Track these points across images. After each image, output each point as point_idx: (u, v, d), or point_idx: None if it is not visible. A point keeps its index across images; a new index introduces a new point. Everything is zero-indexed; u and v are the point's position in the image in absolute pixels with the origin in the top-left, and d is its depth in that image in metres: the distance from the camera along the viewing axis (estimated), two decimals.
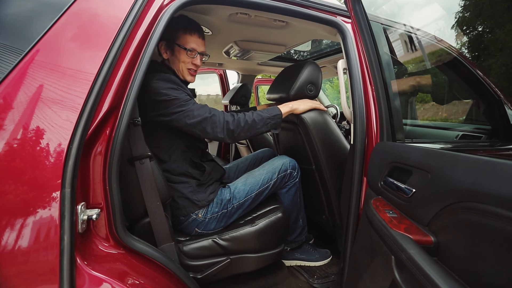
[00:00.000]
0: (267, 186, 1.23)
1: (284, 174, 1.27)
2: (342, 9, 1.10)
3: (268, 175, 1.24)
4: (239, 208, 1.20)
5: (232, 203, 1.18)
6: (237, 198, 1.19)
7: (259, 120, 1.12)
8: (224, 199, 1.17)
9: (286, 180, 1.28)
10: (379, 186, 0.79)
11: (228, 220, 1.19)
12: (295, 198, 1.33)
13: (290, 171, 1.28)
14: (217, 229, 1.17)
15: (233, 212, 1.19)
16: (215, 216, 1.15)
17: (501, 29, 1.21)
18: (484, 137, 1.33)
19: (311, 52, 2.29)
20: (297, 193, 1.33)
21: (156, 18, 0.81)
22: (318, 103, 1.26)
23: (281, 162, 1.28)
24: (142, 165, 0.88)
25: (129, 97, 0.74)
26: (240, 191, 1.21)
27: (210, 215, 1.14)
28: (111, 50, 0.69)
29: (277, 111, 1.16)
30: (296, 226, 1.37)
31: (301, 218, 1.38)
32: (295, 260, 1.42)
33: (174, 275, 0.85)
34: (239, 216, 1.23)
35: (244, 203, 1.20)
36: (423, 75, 1.55)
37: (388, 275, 0.64)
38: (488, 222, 0.43)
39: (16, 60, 0.61)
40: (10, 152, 0.57)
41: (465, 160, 0.51)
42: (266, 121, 1.13)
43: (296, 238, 1.40)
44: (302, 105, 1.23)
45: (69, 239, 0.58)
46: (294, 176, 1.30)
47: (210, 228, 1.16)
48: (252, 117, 1.11)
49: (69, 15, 0.68)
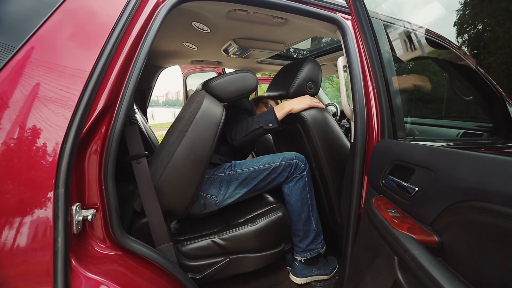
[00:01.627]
0: (267, 167, 1.21)
1: (290, 163, 1.23)
2: (342, 6, 1.09)
3: (271, 158, 1.23)
4: (235, 179, 1.20)
5: (231, 170, 1.21)
6: (236, 167, 1.21)
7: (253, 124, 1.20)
8: (226, 165, 1.22)
9: (291, 170, 1.23)
10: (381, 185, 0.77)
11: (226, 190, 1.20)
12: (304, 193, 1.24)
13: (296, 161, 1.24)
14: (218, 195, 1.18)
15: (229, 181, 1.20)
16: (220, 176, 1.19)
17: (501, 27, 1.20)
18: (486, 134, 1.32)
19: (310, 50, 2.28)
20: (306, 188, 1.25)
21: (152, 15, 0.80)
22: (316, 101, 1.24)
23: (287, 153, 1.27)
24: (139, 164, 0.87)
25: (125, 95, 0.73)
26: (241, 163, 1.23)
27: (218, 173, 1.19)
28: (106, 47, 0.67)
29: (270, 113, 1.22)
30: (309, 230, 1.25)
31: (314, 220, 1.26)
32: (312, 276, 1.27)
33: (172, 276, 0.83)
34: (237, 194, 1.21)
35: (240, 175, 1.20)
36: (423, 73, 1.54)
37: (390, 276, 0.62)
38: (495, 221, 0.41)
39: (7, 57, 0.59)
40: (3, 151, 0.56)
41: (470, 158, 0.50)
42: (261, 126, 1.20)
43: (310, 245, 1.25)
44: (299, 104, 1.22)
45: (63, 241, 0.57)
46: (302, 168, 1.25)
47: (212, 191, 1.18)
48: (252, 126, 1.19)
49: (62, 11, 0.67)
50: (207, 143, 0.99)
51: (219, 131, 1.02)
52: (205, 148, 0.99)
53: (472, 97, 1.40)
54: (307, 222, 1.25)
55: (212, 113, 1.01)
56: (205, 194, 1.17)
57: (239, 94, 1.15)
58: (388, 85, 0.90)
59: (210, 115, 1.00)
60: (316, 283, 1.27)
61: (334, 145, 1.22)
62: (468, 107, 1.52)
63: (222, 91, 1.12)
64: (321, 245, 1.28)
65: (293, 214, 1.24)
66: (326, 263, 1.33)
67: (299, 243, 1.26)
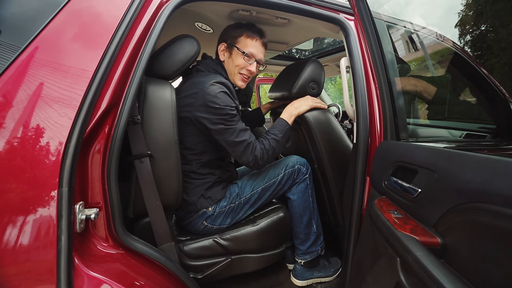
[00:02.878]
0: (273, 181, 1.19)
1: (292, 170, 1.21)
2: (345, 6, 1.09)
3: (276, 171, 1.20)
4: (245, 204, 1.16)
5: (240, 197, 1.16)
6: (244, 193, 1.16)
7: (278, 146, 1.13)
8: (233, 193, 1.16)
9: (294, 176, 1.22)
10: (383, 186, 0.77)
11: (235, 216, 1.16)
12: (306, 196, 1.23)
13: (298, 167, 1.22)
14: (223, 226, 1.14)
15: (240, 208, 1.16)
16: (223, 210, 1.13)
17: (504, 28, 1.20)
18: (489, 136, 1.31)
19: (312, 51, 2.27)
20: (308, 191, 1.24)
21: (156, 15, 0.80)
22: (318, 101, 1.24)
23: (289, 159, 1.24)
24: (141, 164, 0.87)
25: (128, 94, 0.73)
26: (247, 185, 1.18)
27: (219, 209, 1.12)
28: (110, 47, 0.67)
29: (285, 125, 1.16)
30: (310, 232, 1.25)
31: (314, 222, 1.26)
32: (313, 279, 1.28)
33: (174, 276, 0.84)
34: (245, 215, 1.18)
35: (250, 198, 1.17)
36: (426, 74, 1.53)
37: (392, 277, 0.62)
38: (499, 223, 0.41)
39: (13, 57, 0.60)
40: (7, 150, 0.56)
41: (474, 160, 0.50)
42: (282, 143, 1.16)
43: (310, 248, 1.25)
44: (303, 106, 1.21)
45: (66, 239, 0.57)
46: (304, 172, 1.23)
47: (217, 223, 1.13)
48: (272, 145, 1.11)
49: (67, 11, 0.67)
50: (168, 128, 0.94)
51: (175, 110, 0.95)
52: (168, 134, 0.94)
53: (476, 99, 1.40)
54: (308, 224, 1.24)
55: (159, 97, 0.94)
56: (216, 227, 1.14)
57: (184, 63, 1.03)
58: (391, 86, 0.90)
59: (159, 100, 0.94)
60: (318, 285, 1.26)
61: (336, 146, 1.22)
62: (471, 109, 1.51)
63: (165, 69, 1.02)
64: (320, 247, 1.28)
65: (294, 217, 1.24)
66: (328, 265, 1.33)
67: (300, 245, 1.26)
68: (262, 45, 1.16)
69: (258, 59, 1.15)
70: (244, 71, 1.14)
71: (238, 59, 1.12)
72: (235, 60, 1.13)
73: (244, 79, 1.17)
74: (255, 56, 1.13)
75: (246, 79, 1.18)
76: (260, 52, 1.15)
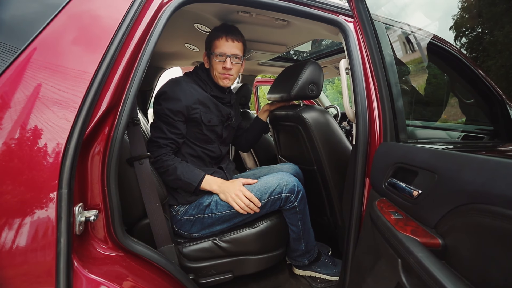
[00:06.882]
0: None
1: (278, 197, 1.10)
2: (344, 8, 1.09)
3: (258, 194, 1.09)
4: (219, 220, 1.10)
5: (210, 210, 1.10)
6: (217, 209, 1.09)
7: (174, 178, 1.06)
8: (202, 203, 1.11)
9: (281, 203, 1.13)
10: (383, 187, 0.77)
11: (207, 227, 1.11)
12: (293, 219, 1.18)
13: (286, 195, 1.11)
14: (193, 233, 1.11)
15: (211, 222, 1.10)
16: (190, 218, 1.10)
17: (500, 31, 1.21)
18: (487, 137, 1.32)
19: (311, 52, 2.28)
20: (296, 216, 1.17)
21: (156, 16, 0.80)
22: (245, 180, 1.14)
23: (276, 182, 1.11)
24: (141, 165, 0.87)
25: (128, 96, 0.73)
26: (222, 202, 1.10)
27: (187, 216, 1.11)
28: (110, 48, 0.67)
29: (195, 180, 1.07)
30: (298, 249, 1.25)
31: (304, 242, 1.23)
32: (311, 272, 1.30)
33: (174, 278, 0.83)
34: (225, 228, 1.13)
35: (223, 216, 1.09)
36: (424, 76, 1.54)
37: (393, 278, 0.62)
38: (500, 224, 0.41)
39: (11, 58, 0.59)
40: (6, 152, 0.56)
41: (475, 161, 0.50)
42: (177, 181, 1.07)
43: (297, 257, 1.27)
44: (227, 192, 1.08)
45: (65, 241, 0.56)
46: (292, 200, 1.13)
47: (185, 229, 1.11)
48: (172, 172, 1.05)
49: (66, 13, 0.67)
50: None
51: None
52: None
53: (473, 100, 1.41)
54: (296, 242, 1.23)
55: None
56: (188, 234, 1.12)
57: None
58: (390, 88, 0.90)
59: None
60: (318, 282, 1.26)
61: (335, 147, 1.22)
62: (469, 110, 1.53)
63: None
64: (308, 259, 1.28)
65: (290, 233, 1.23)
66: (331, 264, 1.33)
67: (297, 257, 1.28)
68: (231, 40, 1.16)
69: (230, 55, 1.16)
70: (221, 70, 1.18)
71: (213, 62, 1.18)
72: (212, 63, 1.19)
73: (225, 77, 1.20)
74: (225, 53, 1.16)
75: (228, 76, 1.20)
76: (229, 47, 1.16)
